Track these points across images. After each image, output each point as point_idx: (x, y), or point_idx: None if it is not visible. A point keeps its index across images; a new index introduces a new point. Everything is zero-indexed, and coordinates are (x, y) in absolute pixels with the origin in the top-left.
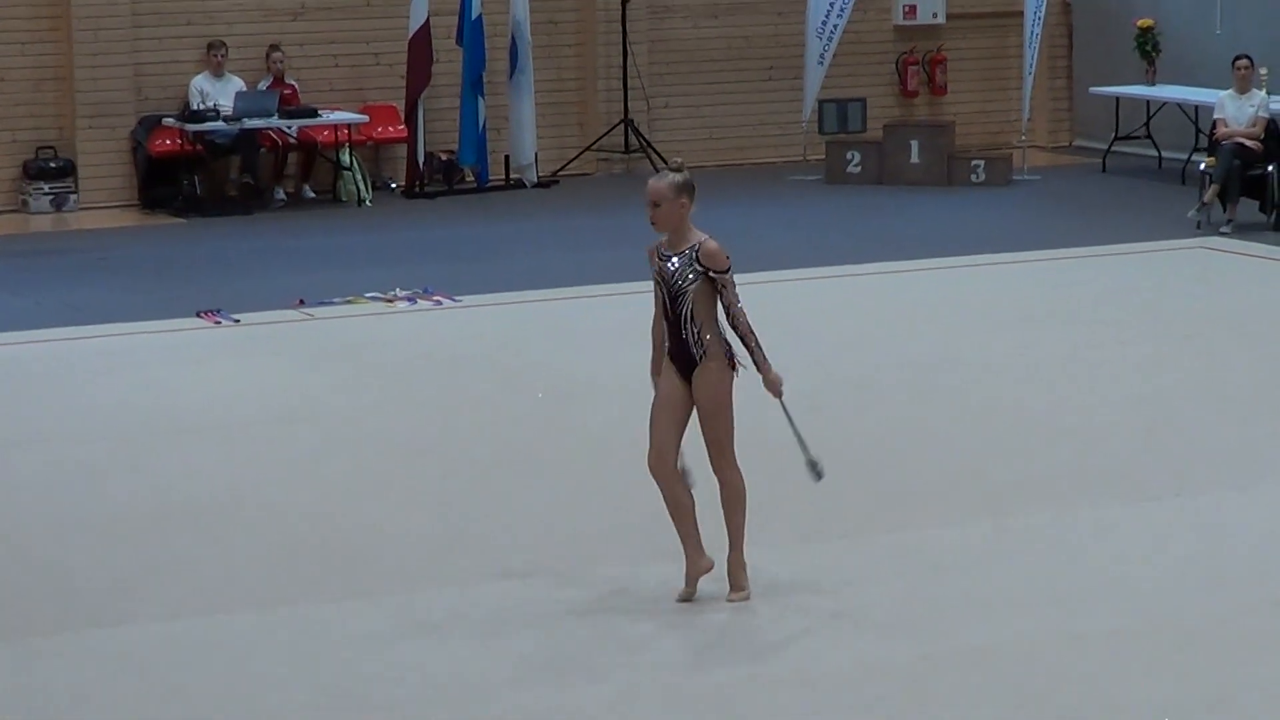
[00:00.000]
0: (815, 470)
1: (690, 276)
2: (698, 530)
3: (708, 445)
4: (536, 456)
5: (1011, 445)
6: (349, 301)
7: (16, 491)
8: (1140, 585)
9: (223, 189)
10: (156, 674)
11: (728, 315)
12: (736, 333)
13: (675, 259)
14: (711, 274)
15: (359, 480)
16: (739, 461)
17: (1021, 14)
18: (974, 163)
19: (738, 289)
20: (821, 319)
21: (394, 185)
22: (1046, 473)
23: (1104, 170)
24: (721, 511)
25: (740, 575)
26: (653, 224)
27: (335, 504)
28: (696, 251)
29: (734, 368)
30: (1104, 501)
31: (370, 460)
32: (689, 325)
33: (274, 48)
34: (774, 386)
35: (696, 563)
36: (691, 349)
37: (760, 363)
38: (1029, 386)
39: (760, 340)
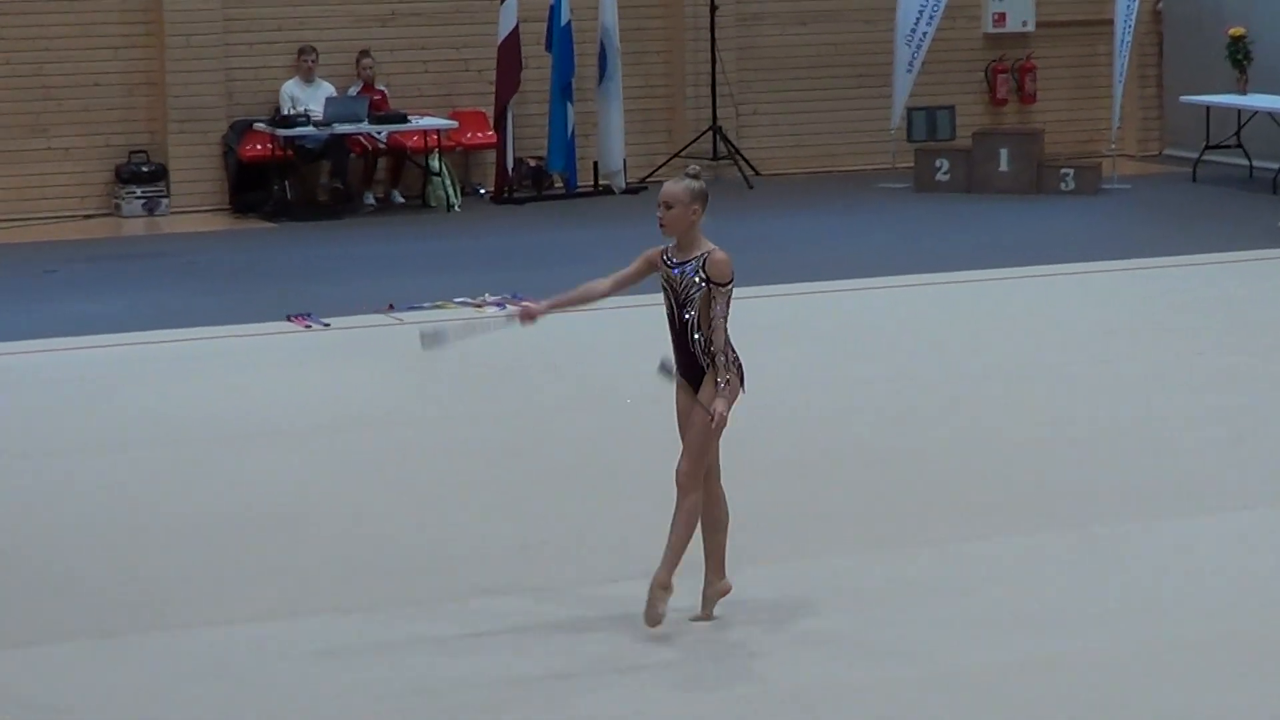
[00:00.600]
0: (666, 369)
1: (697, 284)
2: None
3: (683, 449)
4: (622, 464)
5: (1096, 456)
6: (438, 306)
7: (107, 494)
8: (1223, 596)
9: (313, 194)
10: (238, 676)
11: (710, 322)
12: (709, 340)
13: (685, 266)
14: (710, 284)
15: (445, 485)
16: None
17: (1111, 22)
18: (1063, 171)
19: (730, 306)
20: (908, 327)
21: (483, 191)
22: (1130, 484)
23: (1194, 179)
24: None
25: (652, 593)
26: (662, 226)
27: (422, 509)
28: (704, 261)
29: (742, 384)
30: (1188, 513)
31: (458, 465)
32: (694, 334)
33: (364, 53)
34: (713, 411)
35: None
36: (699, 359)
37: (720, 381)
38: (1115, 396)
39: (735, 363)
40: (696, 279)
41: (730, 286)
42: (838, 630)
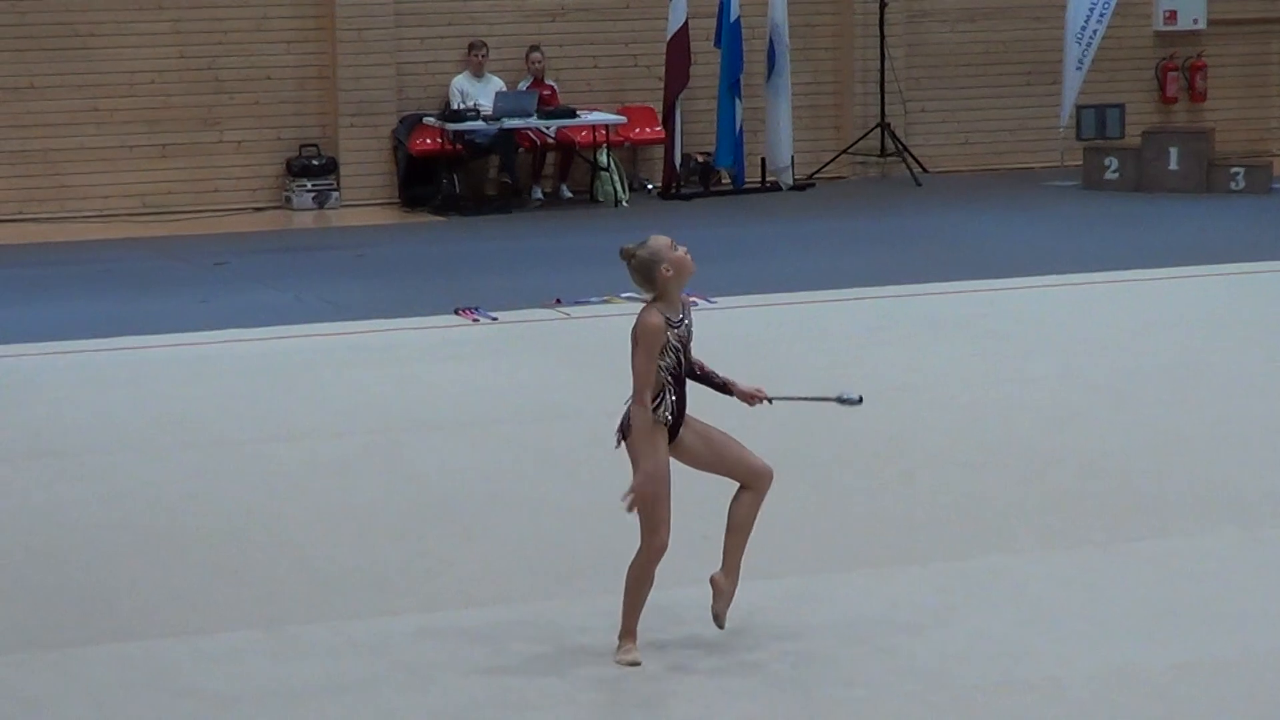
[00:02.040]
0: (845, 400)
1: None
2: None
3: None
4: (796, 460)
5: (1263, 457)
6: (605, 301)
7: (278, 485)
8: None
9: (481, 188)
10: (413, 665)
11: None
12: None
13: (685, 318)
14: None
15: (610, 479)
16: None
17: None
18: (1233, 170)
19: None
20: (1076, 326)
21: (651, 186)
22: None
23: None
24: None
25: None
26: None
27: (587, 502)
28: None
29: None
30: None
31: (620, 459)
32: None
33: (534, 48)
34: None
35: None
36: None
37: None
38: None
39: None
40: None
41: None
42: (1000, 631)
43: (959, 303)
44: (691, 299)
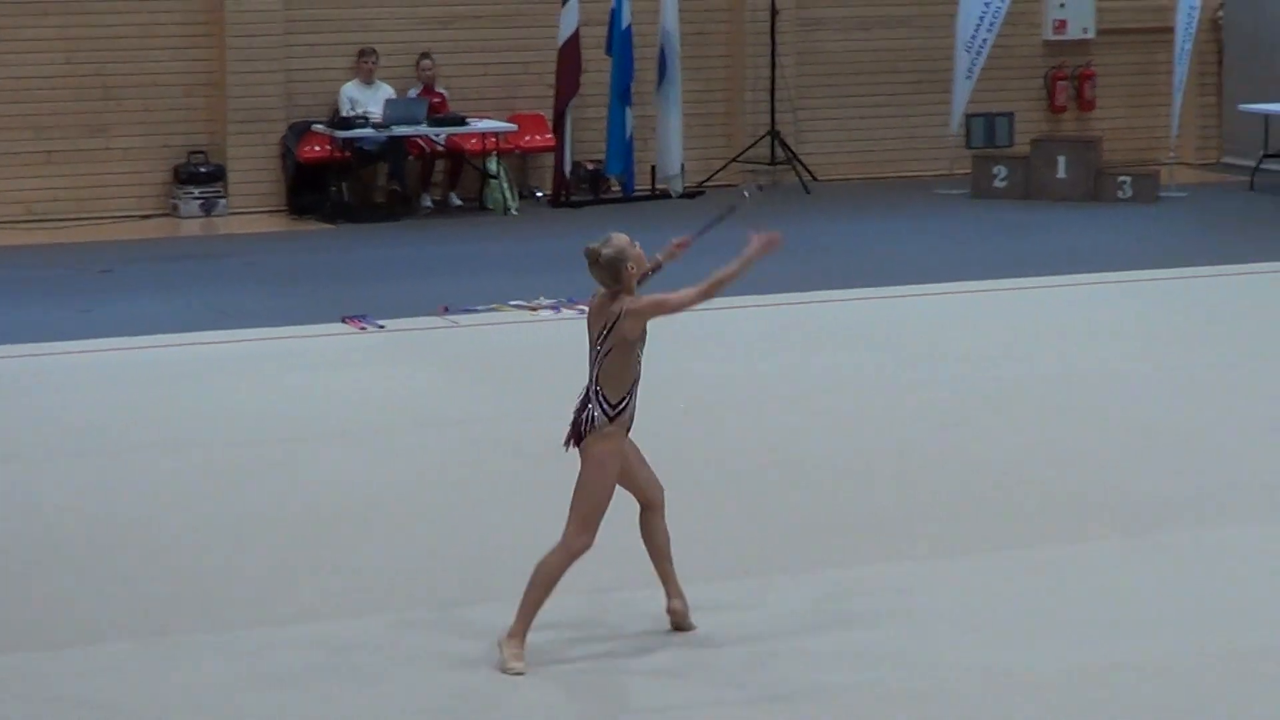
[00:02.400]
0: (746, 193)
1: None
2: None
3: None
4: (676, 469)
5: (1150, 463)
6: (493, 309)
7: (161, 493)
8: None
9: (370, 196)
10: (296, 675)
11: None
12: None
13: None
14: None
15: (497, 486)
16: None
17: (1171, 30)
18: (1121, 179)
19: None
20: (965, 333)
21: (540, 194)
22: (1184, 491)
23: (1252, 188)
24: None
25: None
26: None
27: (472, 510)
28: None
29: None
30: (1241, 521)
31: (508, 468)
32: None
33: (424, 55)
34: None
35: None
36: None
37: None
38: (1169, 404)
39: None
40: None
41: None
42: (886, 638)
43: (848, 310)
44: (579, 306)
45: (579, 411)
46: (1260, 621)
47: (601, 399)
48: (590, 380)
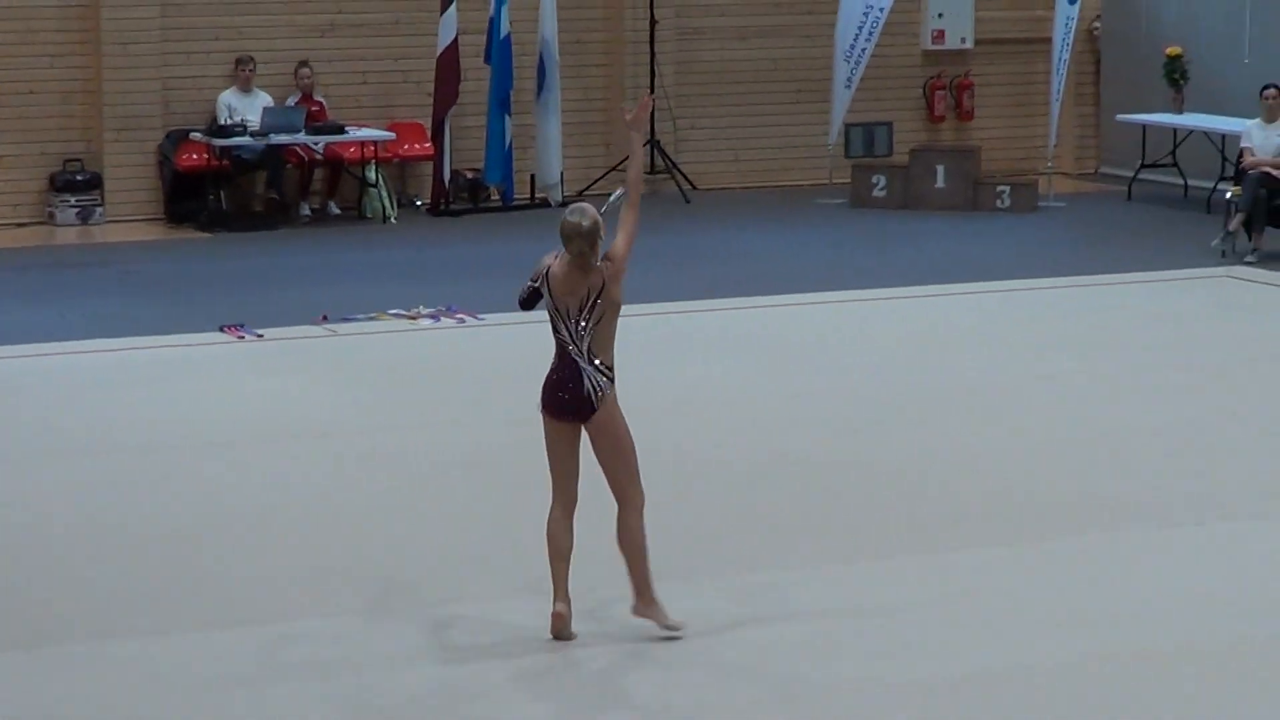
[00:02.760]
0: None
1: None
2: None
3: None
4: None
5: (1034, 471)
6: (372, 318)
7: (42, 503)
8: (1164, 610)
9: (248, 204)
10: (179, 685)
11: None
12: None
13: None
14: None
15: (378, 496)
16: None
17: (1049, 40)
18: (999, 188)
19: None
20: (845, 343)
21: (419, 203)
22: (1070, 499)
23: (1129, 198)
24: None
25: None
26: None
27: (353, 519)
28: None
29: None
30: (1127, 527)
31: (390, 477)
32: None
33: (302, 64)
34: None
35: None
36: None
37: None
38: (1052, 413)
39: None
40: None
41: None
42: (778, 644)
43: (728, 320)
44: (459, 315)
45: (574, 386)
46: (1136, 624)
47: (600, 366)
48: (582, 352)
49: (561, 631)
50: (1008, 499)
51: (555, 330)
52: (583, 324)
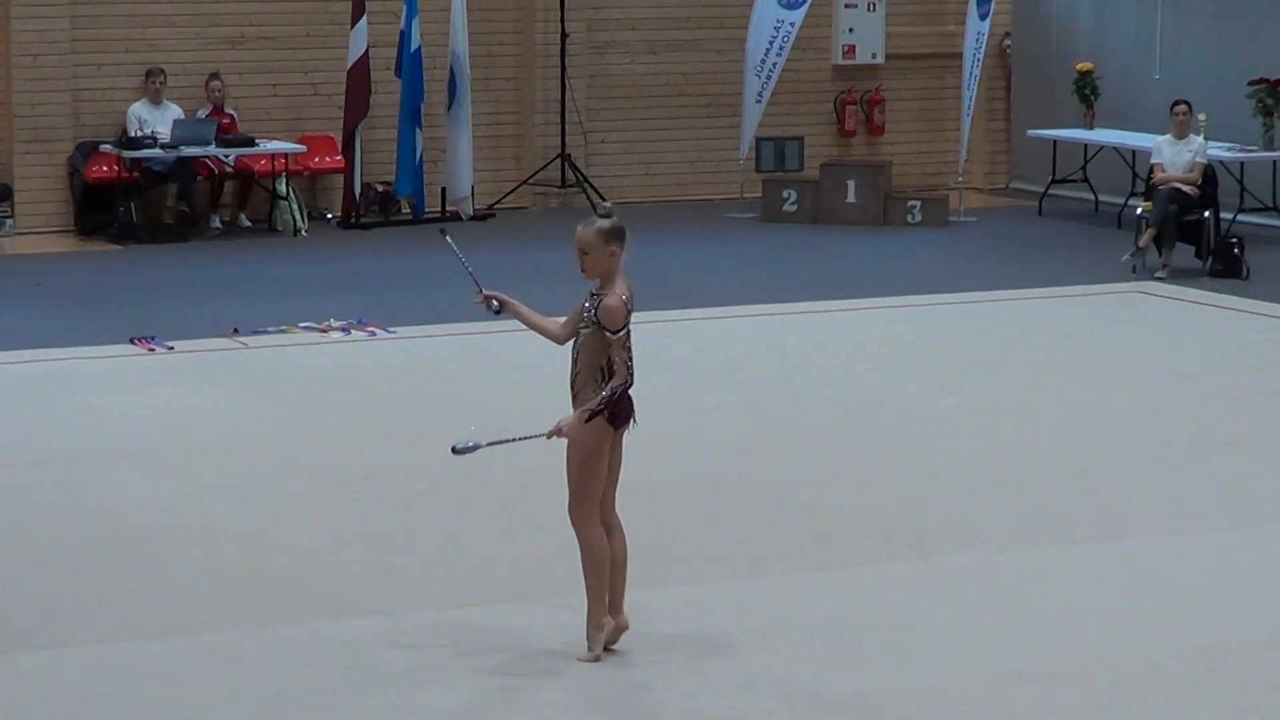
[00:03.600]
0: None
1: (590, 319)
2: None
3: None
4: (466, 490)
5: (942, 487)
6: (283, 331)
7: None
8: (1070, 629)
9: (159, 216)
10: (84, 698)
11: (589, 358)
12: (587, 378)
13: (593, 299)
14: (599, 325)
15: (287, 509)
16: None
17: (960, 56)
18: (910, 203)
19: (625, 350)
20: (756, 357)
21: (330, 216)
22: (977, 515)
23: (1040, 213)
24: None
25: (591, 635)
26: (583, 273)
27: (264, 532)
28: (599, 300)
29: (613, 424)
30: (1034, 544)
31: (300, 489)
32: (574, 365)
33: (213, 76)
34: (556, 426)
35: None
36: (571, 388)
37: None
38: (961, 428)
39: (613, 390)
40: (593, 315)
41: (622, 333)
42: (680, 660)
43: (637, 334)
44: (370, 328)
45: (631, 403)
46: (1035, 647)
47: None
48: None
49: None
50: (905, 516)
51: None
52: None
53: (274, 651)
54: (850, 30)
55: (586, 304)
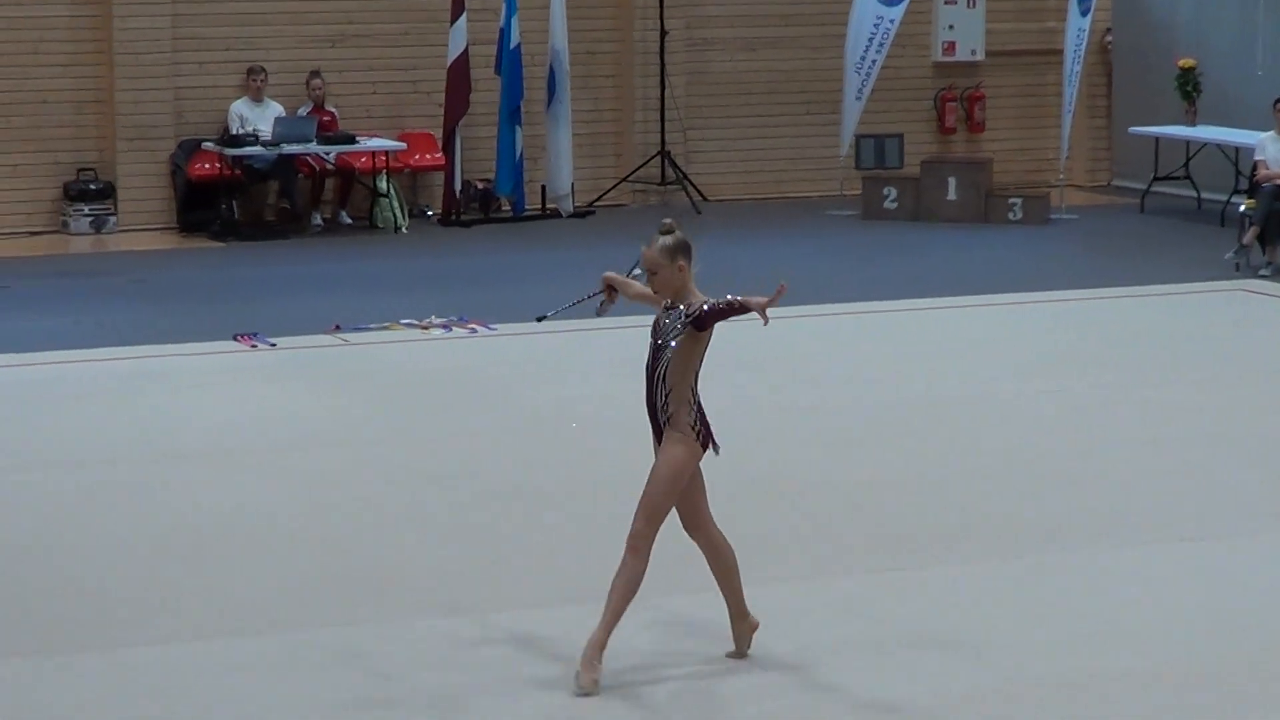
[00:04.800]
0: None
1: (677, 330)
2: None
3: (638, 507)
4: (564, 488)
5: (1037, 486)
6: (384, 328)
7: (50, 511)
8: (1154, 628)
9: (260, 214)
10: (178, 694)
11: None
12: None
13: (674, 310)
14: (692, 326)
15: (388, 506)
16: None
17: (1061, 52)
18: (1011, 201)
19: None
20: (854, 355)
21: (430, 213)
22: (1069, 514)
23: (1142, 210)
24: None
25: (586, 654)
26: (655, 293)
27: (363, 530)
28: (694, 309)
29: (705, 446)
30: (1124, 544)
31: (399, 486)
32: (661, 386)
33: (314, 74)
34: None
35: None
36: (658, 413)
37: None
38: (1059, 427)
39: (700, 421)
40: (679, 324)
41: (709, 335)
42: (758, 656)
43: (737, 332)
44: (470, 325)
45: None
46: (1118, 647)
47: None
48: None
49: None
50: (997, 516)
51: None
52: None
53: (377, 646)
54: (950, 27)
55: (665, 320)
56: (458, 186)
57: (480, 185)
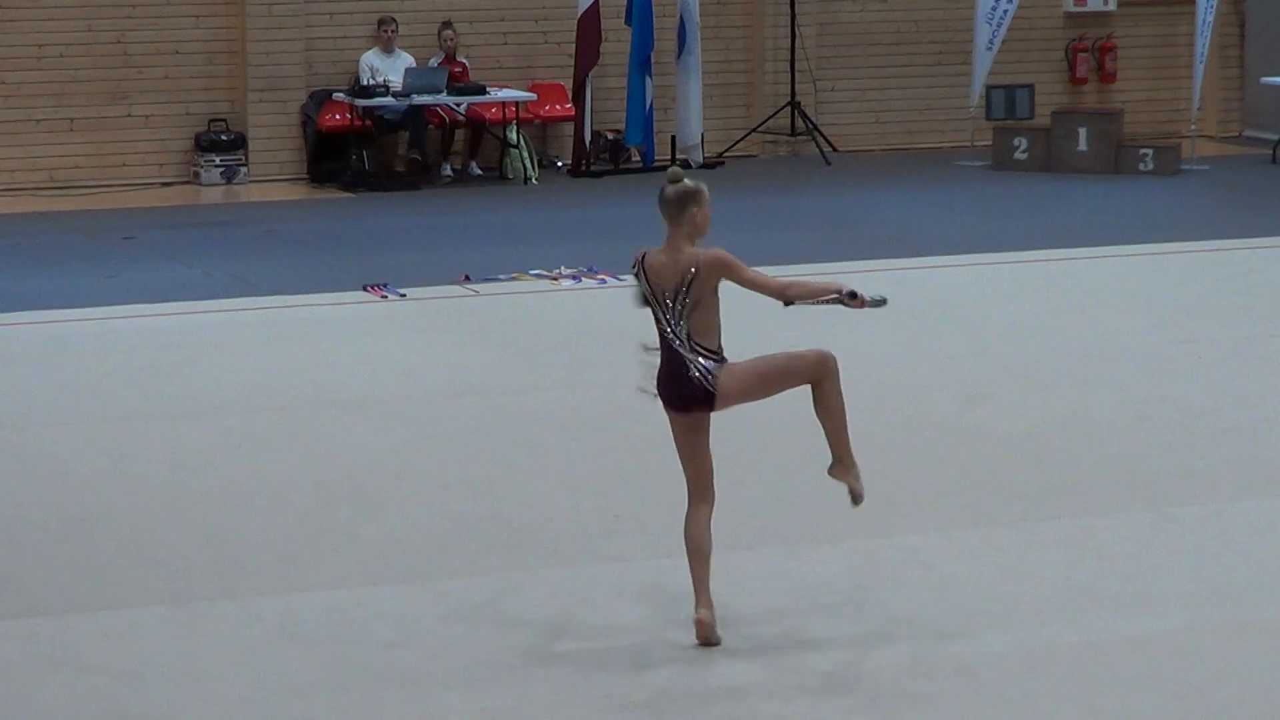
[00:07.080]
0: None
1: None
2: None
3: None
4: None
5: (1173, 437)
6: (514, 278)
7: (185, 461)
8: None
9: (391, 164)
10: (318, 642)
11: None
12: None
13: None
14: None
15: (517, 456)
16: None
17: (1193, 2)
18: (1142, 151)
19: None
20: (986, 305)
21: (560, 163)
22: (1208, 466)
23: (1274, 161)
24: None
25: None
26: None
27: (493, 480)
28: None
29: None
30: (1266, 495)
31: (529, 437)
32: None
33: (445, 25)
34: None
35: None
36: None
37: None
38: (1192, 378)
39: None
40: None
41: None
42: (912, 611)
43: (868, 282)
44: (600, 276)
45: (683, 376)
46: (1266, 598)
47: (703, 350)
48: (682, 340)
49: (708, 637)
50: (1136, 465)
51: (655, 319)
52: (678, 308)
53: (502, 597)
54: None
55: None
56: (587, 137)
57: (610, 136)
